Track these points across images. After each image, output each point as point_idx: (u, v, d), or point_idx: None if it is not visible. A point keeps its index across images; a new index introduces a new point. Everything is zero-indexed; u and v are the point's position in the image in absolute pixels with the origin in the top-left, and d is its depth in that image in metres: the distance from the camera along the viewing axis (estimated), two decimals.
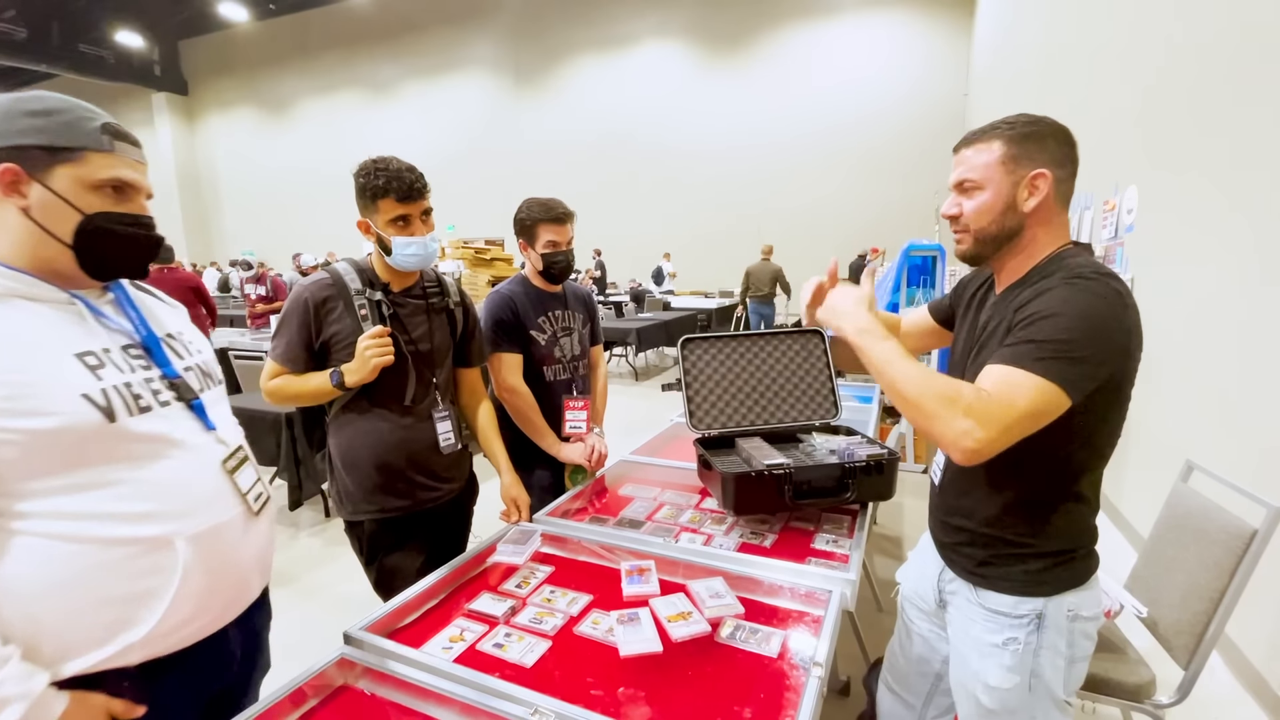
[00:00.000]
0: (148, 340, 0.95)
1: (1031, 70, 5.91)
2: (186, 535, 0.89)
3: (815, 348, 1.99)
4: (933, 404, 0.94)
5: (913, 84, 11.80)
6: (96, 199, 0.87)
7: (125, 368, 0.89)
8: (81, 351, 0.85)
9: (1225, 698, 2.06)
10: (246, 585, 1.02)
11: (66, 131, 0.85)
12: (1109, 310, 0.93)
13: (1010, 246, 1.06)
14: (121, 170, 0.89)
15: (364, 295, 1.50)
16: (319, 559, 3.13)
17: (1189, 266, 2.68)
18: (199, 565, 0.90)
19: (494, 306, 1.92)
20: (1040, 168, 1.01)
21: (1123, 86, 3.52)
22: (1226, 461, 2.20)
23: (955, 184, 1.08)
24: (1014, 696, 1.08)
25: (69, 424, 0.80)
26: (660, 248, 13.31)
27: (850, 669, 2.11)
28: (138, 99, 18.80)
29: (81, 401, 0.82)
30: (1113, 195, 3.51)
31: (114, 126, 0.89)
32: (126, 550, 0.84)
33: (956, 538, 1.16)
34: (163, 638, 0.88)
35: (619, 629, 1.15)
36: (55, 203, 0.84)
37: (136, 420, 0.87)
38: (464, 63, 15.55)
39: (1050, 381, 0.91)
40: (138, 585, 0.85)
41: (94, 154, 0.86)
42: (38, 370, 0.80)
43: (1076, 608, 1.06)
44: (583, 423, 1.98)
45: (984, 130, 1.05)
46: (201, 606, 0.92)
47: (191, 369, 1.01)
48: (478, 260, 7.41)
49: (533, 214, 1.90)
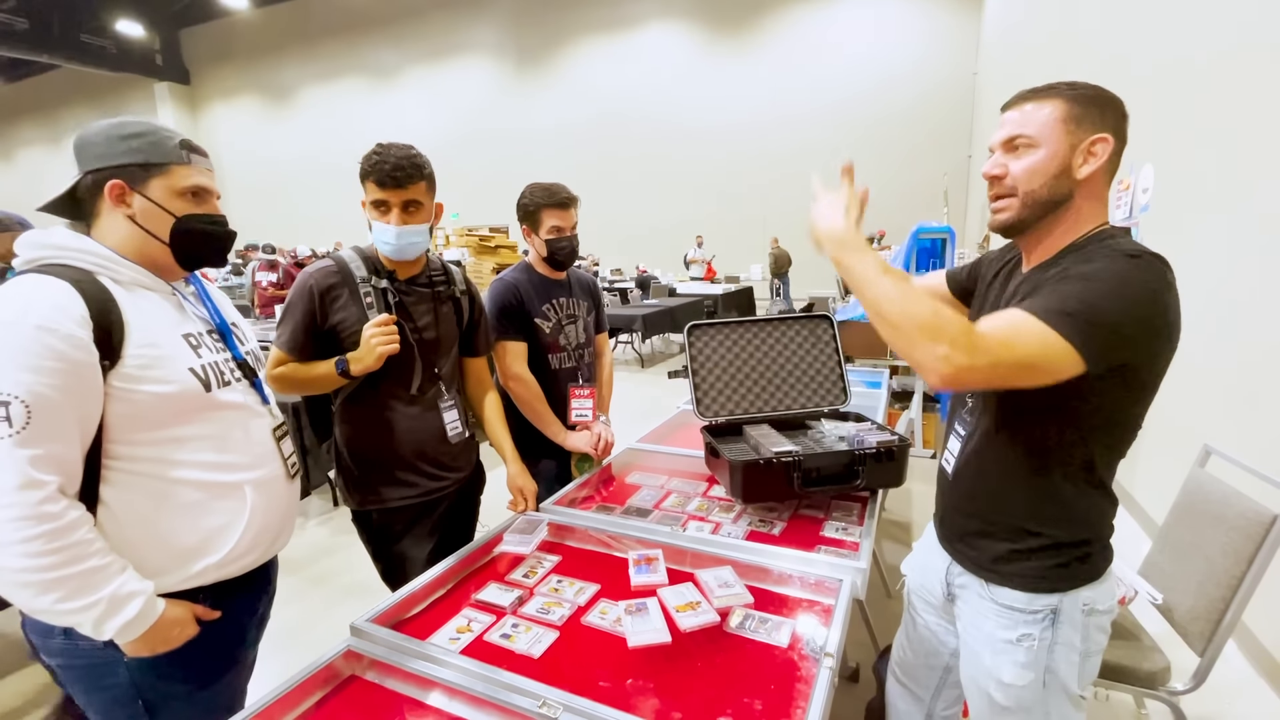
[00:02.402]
0: (221, 326, 1.17)
1: (1043, 47, 5.78)
2: (253, 483, 1.11)
3: (824, 333, 1.96)
4: (913, 330, 0.85)
5: (920, 63, 11.60)
6: (182, 203, 1.06)
7: (212, 348, 1.11)
8: (186, 333, 1.07)
9: (1241, 684, 2.04)
10: (285, 530, 1.23)
11: (156, 150, 1.03)
12: (1155, 291, 0.87)
13: (1053, 217, 0.98)
14: (199, 178, 1.08)
15: (369, 283, 1.48)
16: (327, 547, 3.15)
17: (1207, 246, 2.62)
18: (259, 508, 1.11)
19: (498, 294, 1.90)
20: (1102, 132, 0.94)
21: (1139, 62, 3.43)
22: (1245, 446, 2.16)
23: (1004, 141, 0.98)
24: (1028, 693, 1.05)
25: (181, 390, 1.01)
26: (664, 231, 13.25)
27: (859, 656, 2.10)
28: (140, 89, 18.77)
29: (189, 374, 1.03)
30: (1128, 174, 3.43)
31: (189, 142, 1.08)
32: (212, 492, 1.06)
33: (971, 528, 1.12)
34: (232, 563, 1.09)
35: (627, 619, 1.14)
36: (153, 209, 1.03)
37: (223, 392, 1.08)
38: (466, 47, 15.41)
39: (1061, 337, 0.83)
40: (218, 520, 1.06)
41: (177, 167, 1.05)
42: (162, 346, 1.01)
43: (1092, 602, 1.03)
44: (588, 411, 1.96)
45: (1043, 88, 0.97)
46: (256, 542, 1.12)
47: (250, 354, 1.21)
48: (482, 248, 7.38)
49: (536, 199, 1.86)
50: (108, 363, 0.94)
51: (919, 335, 0.84)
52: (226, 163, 19.15)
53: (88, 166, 1.01)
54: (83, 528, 0.91)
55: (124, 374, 0.95)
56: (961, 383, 0.85)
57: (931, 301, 0.86)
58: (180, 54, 18.93)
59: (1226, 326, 2.44)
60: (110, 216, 1.03)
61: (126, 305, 0.98)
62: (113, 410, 0.95)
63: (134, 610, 0.94)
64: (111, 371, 0.94)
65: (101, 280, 0.98)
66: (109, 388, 0.94)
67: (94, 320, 0.92)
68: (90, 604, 0.90)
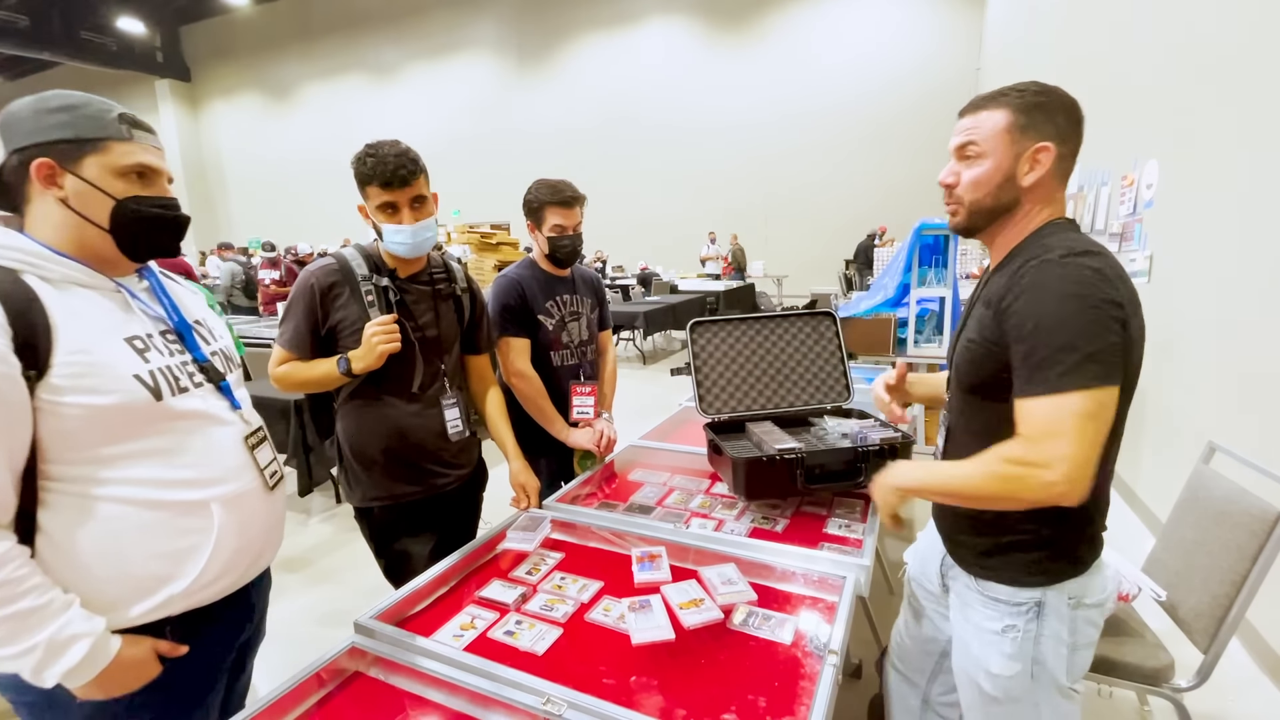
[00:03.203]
0: (180, 326, 1.04)
1: (1047, 43, 5.76)
2: (221, 500, 0.99)
3: (826, 330, 1.96)
4: (1008, 501, 0.94)
5: (923, 59, 11.55)
6: (124, 185, 0.94)
7: (165, 351, 0.99)
8: (130, 336, 0.94)
9: (1244, 681, 2.04)
10: (264, 550, 1.11)
11: (89, 124, 0.91)
12: (1085, 292, 0.89)
13: (1004, 220, 1.03)
14: (143, 156, 0.95)
15: (370, 281, 1.48)
16: (330, 545, 3.15)
17: (1211, 242, 2.61)
18: (230, 527, 1.00)
19: (501, 291, 1.90)
20: (1045, 141, 0.97)
21: (1143, 57, 3.41)
22: (1250, 443, 2.15)
23: (957, 148, 1.04)
24: (1016, 684, 1.06)
25: (124, 401, 0.89)
26: (665, 227, 13.21)
27: (863, 653, 2.10)
28: (141, 86, 18.74)
29: (133, 381, 0.91)
30: (1131, 170, 3.42)
31: (130, 116, 0.96)
32: (171, 512, 0.94)
33: (958, 523, 1.13)
34: (200, 590, 0.98)
35: (630, 616, 1.14)
36: (89, 191, 0.91)
37: (178, 399, 0.96)
38: (466, 44, 15.37)
39: (1082, 390, 0.87)
40: (180, 543, 0.95)
41: (116, 143, 0.93)
42: (99, 352, 0.89)
43: (1079, 594, 1.04)
44: (590, 408, 1.96)
45: (992, 96, 1.01)
46: (230, 564, 1.01)
47: (216, 354, 1.09)
48: (483, 245, 7.38)
49: (540, 196, 1.86)
50: (34, 373, 0.83)
51: (1016, 502, 0.93)
52: (227, 160, 19.14)
53: (14, 145, 0.89)
54: (10, 564, 0.81)
55: (53, 385, 0.84)
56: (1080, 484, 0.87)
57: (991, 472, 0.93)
58: (181, 51, 18.90)
59: (1232, 323, 2.43)
60: (41, 202, 0.91)
61: (55, 307, 0.87)
62: (44, 426, 0.85)
63: (78, 655, 0.84)
64: (40, 383, 0.83)
65: (26, 279, 0.87)
66: (37, 401, 0.83)
67: (12, 325, 0.82)
68: (25, 650, 0.81)
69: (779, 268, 11.71)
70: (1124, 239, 3.50)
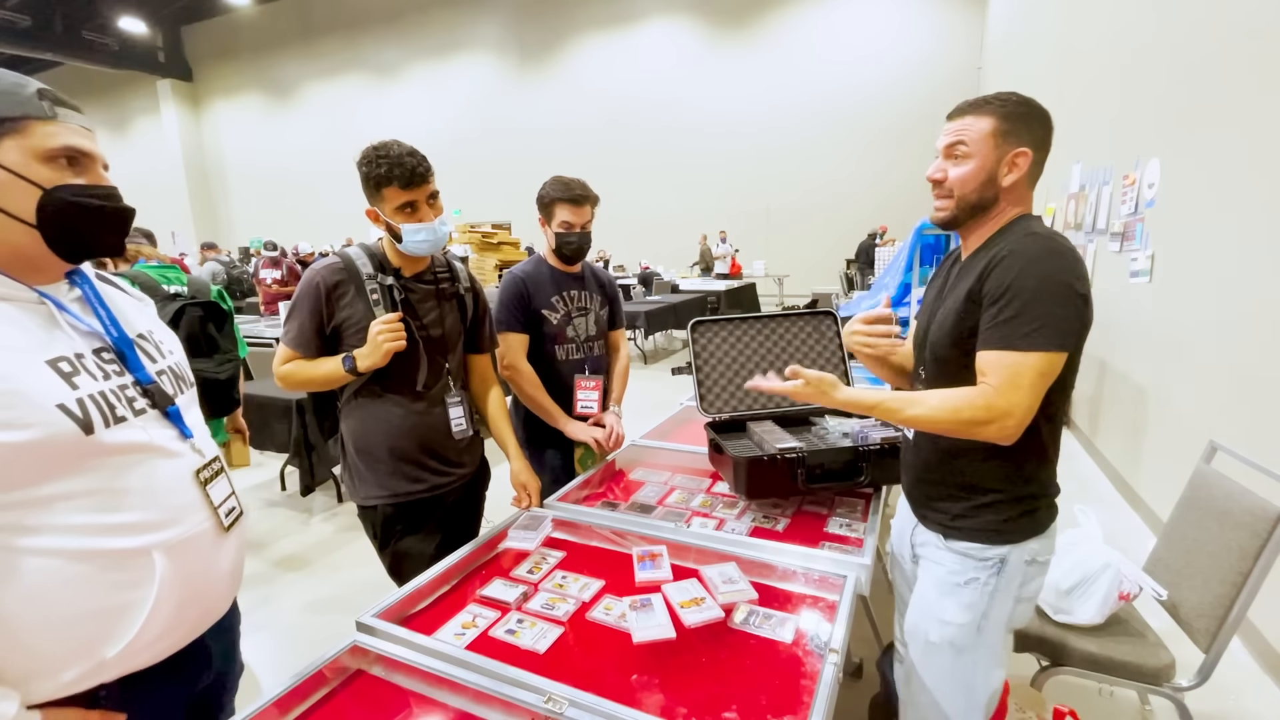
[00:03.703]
0: (119, 343, 0.88)
1: (1048, 41, 5.75)
2: (163, 547, 0.84)
3: (827, 329, 1.96)
4: (957, 424, 1.04)
5: (924, 58, 11.54)
6: (51, 172, 0.78)
7: (99, 374, 0.83)
8: (54, 358, 0.79)
9: (1246, 681, 2.03)
10: (219, 598, 0.97)
11: (3, 100, 0.76)
12: (1056, 264, 1.02)
13: (982, 215, 1.13)
14: (71, 138, 0.80)
15: (375, 280, 1.48)
16: (332, 544, 3.16)
17: (1213, 242, 2.60)
18: (175, 577, 0.85)
19: (505, 286, 1.96)
20: (1024, 147, 1.08)
21: (1145, 55, 3.41)
22: (1251, 442, 2.15)
23: (946, 147, 1.13)
24: (963, 635, 1.17)
25: (45, 436, 0.74)
26: (667, 227, 13.20)
27: (863, 652, 2.11)
28: (143, 86, 18.78)
29: (57, 413, 0.76)
30: (1133, 169, 3.42)
31: (52, 92, 0.81)
32: (103, 562, 0.79)
33: (932, 492, 1.22)
34: (140, 652, 0.83)
35: (632, 615, 1.14)
36: (8, 179, 0.76)
37: (113, 431, 0.81)
38: (468, 44, 15.38)
39: (1042, 352, 1.00)
40: (114, 599, 0.80)
41: (37, 122, 0.78)
42: (13, 379, 0.74)
43: (1035, 554, 1.15)
44: (594, 402, 1.98)
45: (978, 102, 1.11)
46: (175, 621, 0.87)
47: (164, 372, 0.93)
48: (485, 244, 7.38)
49: (552, 192, 1.90)
50: None
51: (967, 430, 1.04)
52: (228, 159, 19.17)
53: None
54: None
55: None
56: (1022, 429, 1.02)
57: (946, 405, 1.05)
58: (183, 51, 18.92)
59: (1234, 322, 2.43)
60: None
61: None
62: None
63: None
64: None
65: None
66: None
67: None
68: None
69: (780, 267, 11.71)
70: (1125, 238, 3.50)
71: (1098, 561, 1.55)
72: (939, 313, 1.18)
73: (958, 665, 1.19)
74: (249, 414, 3.40)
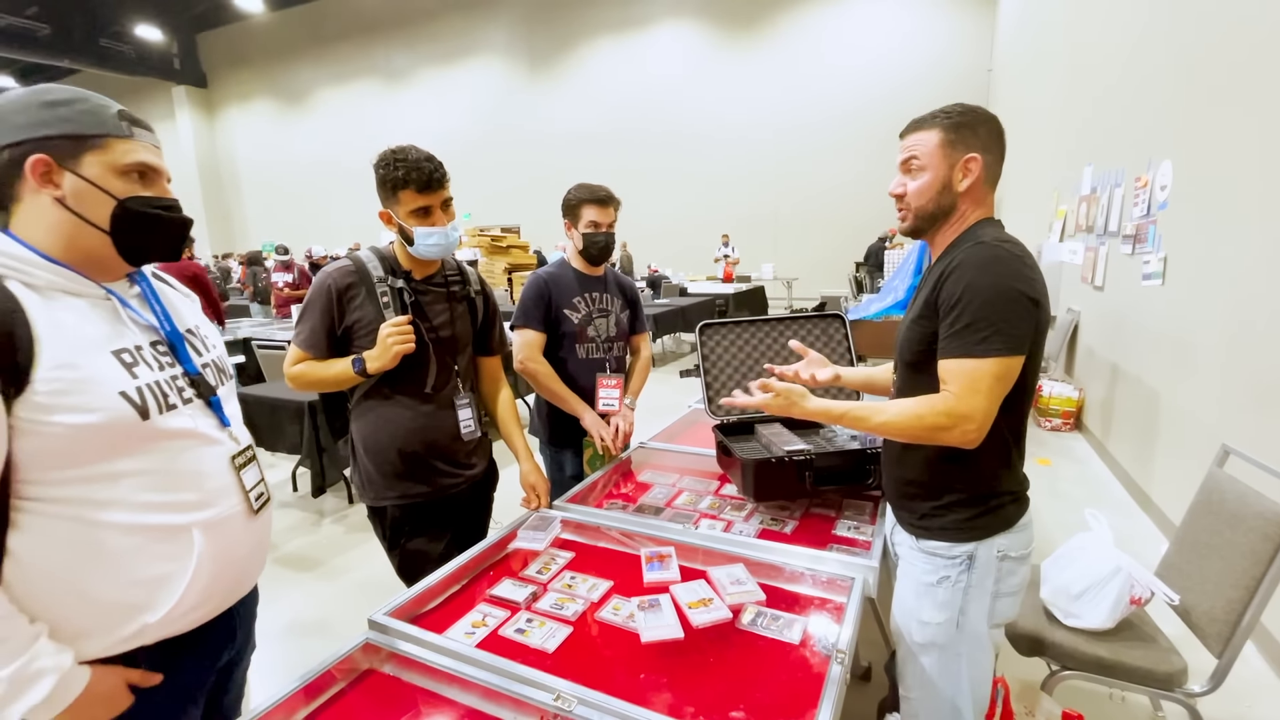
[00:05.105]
0: (171, 336, 0.98)
1: (1059, 42, 5.72)
2: (202, 525, 0.93)
3: (836, 332, 1.96)
4: (921, 430, 1.09)
5: (934, 60, 11.47)
6: (124, 184, 0.88)
7: (154, 365, 0.92)
8: (118, 349, 0.88)
9: (1259, 686, 2.01)
10: (246, 575, 1.05)
11: (89, 119, 0.86)
12: (1004, 271, 1.06)
13: (945, 222, 1.20)
14: (143, 155, 0.91)
15: (386, 283, 1.50)
16: (343, 544, 3.19)
17: (1226, 244, 2.58)
18: (210, 554, 0.93)
19: (527, 286, 2.02)
20: (972, 152, 1.14)
21: (1157, 56, 3.39)
22: (1264, 446, 2.13)
23: (903, 163, 1.21)
24: (942, 632, 1.20)
25: (109, 420, 0.83)
26: (676, 231, 13.20)
27: (871, 655, 2.10)
28: (158, 92, 19.04)
29: (119, 399, 0.85)
30: (1145, 171, 3.39)
31: (129, 113, 0.91)
32: (154, 535, 0.88)
33: (903, 491, 1.25)
34: (176, 620, 0.92)
35: (640, 615, 1.15)
36: (89, 190, 0.86)
37: (165, 418, 0.90)
38: (478, 49, 15.48)
39: (996, 357, 1.04)
40: (160, 569, 0.89)
41: (116, 140, 0.88)
42: (84, 367, 0.83)
43: (1006, 549, 1.17)
44: (615, 400, 2.03)
45: (926, 118, 1.19)
46: (209, 592, 0.95)
47: (209, 365, 1.02)
48: (494, 248, 7.42)
49: (579, 195, 1.97)
50: (12, 389, 0.77)
51: (930, 436, 1.09)
52: (242, 164, 19.38)
53: (5, 140, 0.82)
54: None
55: (33, 403, 0.78)
56: (984, 432, 1.06)
57: (909, 412, 1.10)
58: (198, 58, 19.17)
59: (1246, 325, 2.41)
60: (34, 201, 0.84)
61: (39, 317, 0.81)
62: (21, 446, 0.79)
63: (43, 691, 0.78)
64: (17, 400, 0.78)
65: (8, 285, 0.81)
66: (14, 419, 0.78)
67: None
68: None
69: (789, 270, 11.68)
70: (1138, 241, 3.47)
71: (1109, 565, 1.54)
72: (907, 320, 1.24)
73: (943, 662, 1.22)
74: (262, 416, 3.45)
